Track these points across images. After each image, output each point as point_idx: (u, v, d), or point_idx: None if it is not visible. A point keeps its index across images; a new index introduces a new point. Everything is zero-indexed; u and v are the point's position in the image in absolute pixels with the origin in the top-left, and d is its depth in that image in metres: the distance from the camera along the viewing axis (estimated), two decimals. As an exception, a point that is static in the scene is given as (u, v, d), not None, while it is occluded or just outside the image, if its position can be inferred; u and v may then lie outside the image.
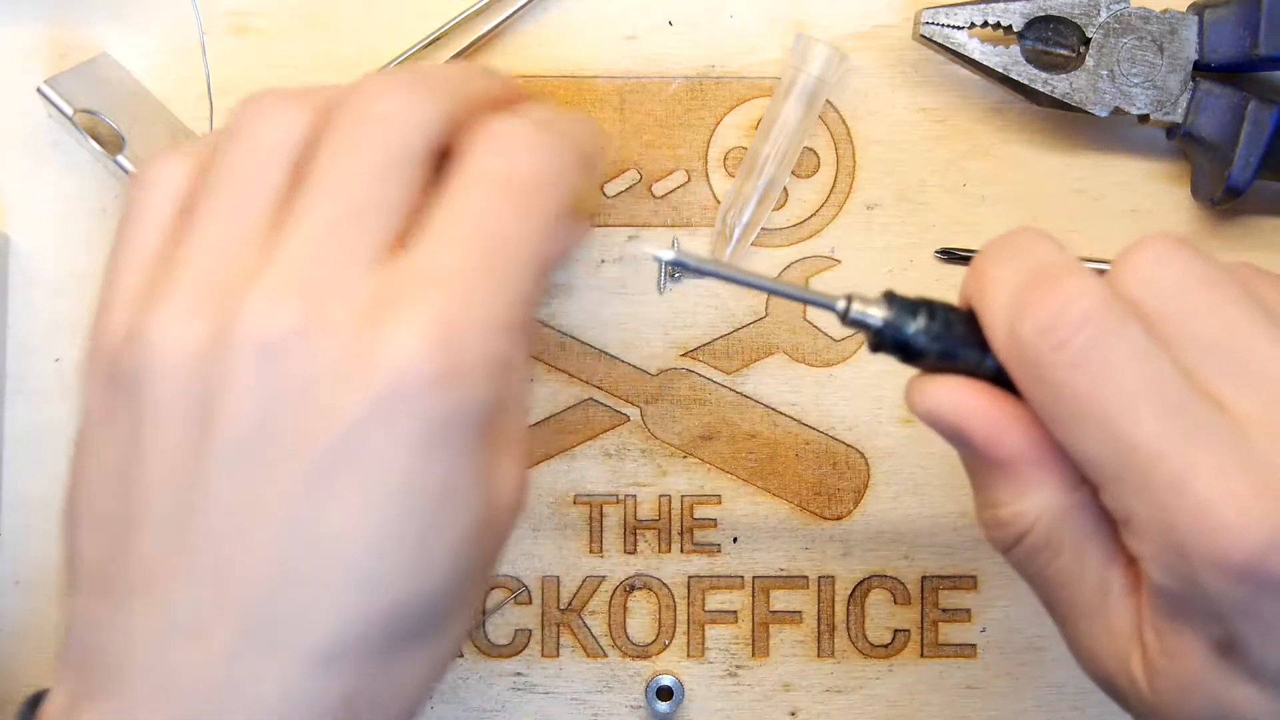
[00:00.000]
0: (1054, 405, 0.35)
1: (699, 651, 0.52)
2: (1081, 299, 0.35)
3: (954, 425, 0.37)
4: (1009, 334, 0.36)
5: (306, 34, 0.52)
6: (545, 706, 0.52)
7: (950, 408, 0.37)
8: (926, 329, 0.37)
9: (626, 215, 0.52)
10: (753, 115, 0.52)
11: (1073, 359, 0.34)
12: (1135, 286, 0.36)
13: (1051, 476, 0.37)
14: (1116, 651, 0.37)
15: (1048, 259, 0.36)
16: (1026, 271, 0.36)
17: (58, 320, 0.52)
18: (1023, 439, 0.36)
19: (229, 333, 0.34)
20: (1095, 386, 0.34)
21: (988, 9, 0.49)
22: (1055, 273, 0.35)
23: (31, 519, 0.51)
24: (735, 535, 0.52)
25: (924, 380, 0.38)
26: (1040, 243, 0.37)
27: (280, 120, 0.37)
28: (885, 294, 0.38)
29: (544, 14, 0.52)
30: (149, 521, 0.35)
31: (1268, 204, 0.52)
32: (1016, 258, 0.37)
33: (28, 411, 0.52)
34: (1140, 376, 0.34)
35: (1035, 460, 0.36)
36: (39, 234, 0.52)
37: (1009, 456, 0.37)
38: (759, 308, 0.52)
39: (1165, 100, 0.50)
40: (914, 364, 0.38)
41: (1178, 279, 0.35)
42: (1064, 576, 0.37)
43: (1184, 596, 0.34)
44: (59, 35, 0.52)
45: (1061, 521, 0.37)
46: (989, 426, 0.37)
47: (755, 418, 0.52)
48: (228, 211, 0.36)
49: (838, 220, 0.52)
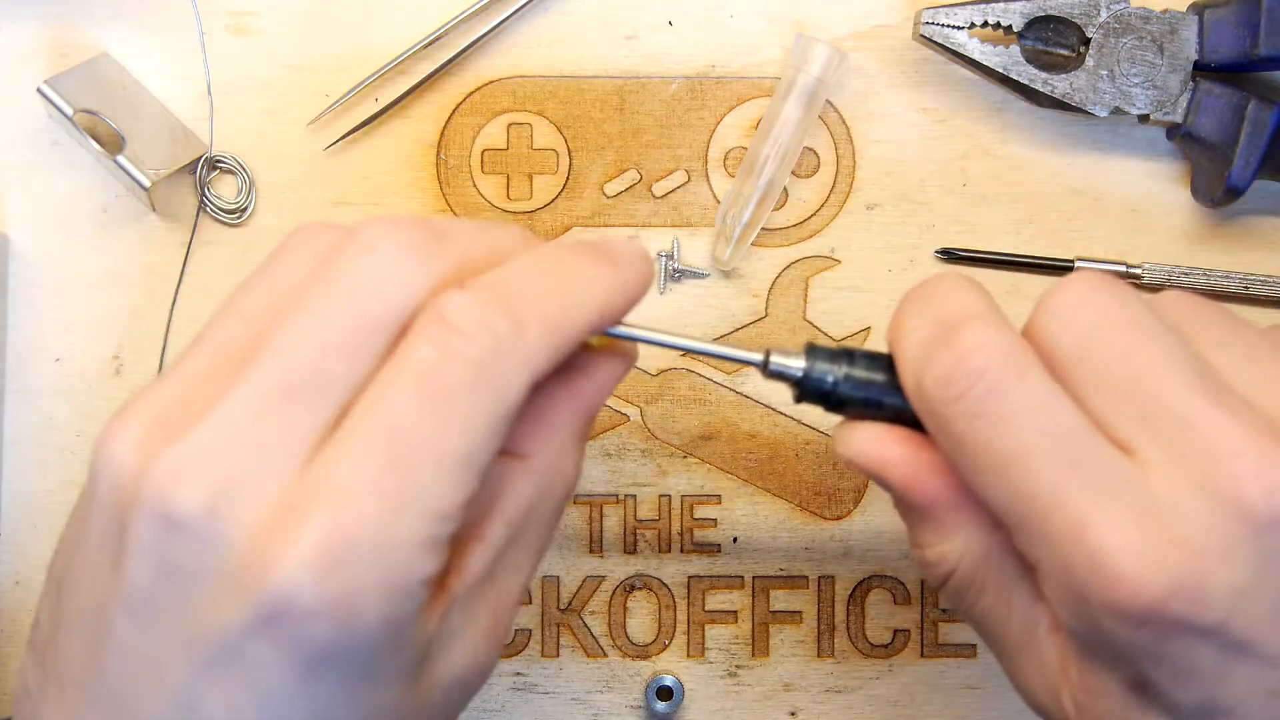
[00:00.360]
0: (958, 454, 0.36)
1: (699, 651, 0.52)
2: (979, 350, 0.35)
3: (875, 473, 0.38)
4: (915, 385, 0.36)
5: (306, 34, 0.52)
6: (545, 706, 0.52)
7: (870, 455, 0.38)
8: (847, 378, 0.38)
9: (626, 215, 0.52)
10: (753, 115, 0.52)
11: (971, 410, 0.35)
12: (1054, 329, 0.36)
13: (971, 520, 0.37)
14: (1048, 685, 0.37)
15: (956, 309, 0.36)
16: (934, 322, 0.36)
17: (58, 320, 0.52)
18: (940, 485, 0.37)
19: (141, 482, 0.33)
20: (993, 437, 0.35)
21: (988, 9, 0.49)
22: (958, 323, 0.36)
23: (31, 519, 0.51)
24: (735, 535, 0.52)
25: (847, 428, 0.38)
26: (954, 292, 0.37)
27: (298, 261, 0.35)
28: (806, 345, 0.39)
29: (544, 14, 0.52)
30: (74, 628, 0.35)
31: (1268, 204, 0.52)
32: (929, 308, 0.37)
33: (28, 411, 0.52)
34: (1038, 427, 0.34)
35: (953, 505, 0.37)
36: (39, 234, 0.52)
37: (928, 502, 0.37)
38: (759, 308, 0.52)
39: (1165, 100, 0.50)
40: (839, 413, 0.39)
41: (1094, 321, 0.35)
42: (992, 614, 0.38)
43: (1092, 640, 0.35)
44: (59, 35, 0.52)
45: (984, 562, 0.37)
46: (907, 474, 0.37)
47: (755, 418, 0.52)
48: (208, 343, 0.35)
49: (838, 220, 0.52)
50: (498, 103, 0.52)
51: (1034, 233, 0.52)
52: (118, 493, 0.33)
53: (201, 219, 0.52)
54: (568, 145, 0.52)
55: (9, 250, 0.52)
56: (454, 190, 0.52)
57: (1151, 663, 0.34)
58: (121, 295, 0.52)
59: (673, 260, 0.52)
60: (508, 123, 0.52)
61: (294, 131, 0.52)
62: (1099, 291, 0.36)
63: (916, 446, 0.37)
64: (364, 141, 0.52)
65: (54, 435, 0.51)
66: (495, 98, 0.52)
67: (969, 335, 0.35)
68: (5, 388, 0.51)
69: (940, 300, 0.37)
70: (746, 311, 0.52)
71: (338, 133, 0.52)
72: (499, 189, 0.52)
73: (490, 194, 0.52)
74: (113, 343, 0.52)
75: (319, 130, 0.52)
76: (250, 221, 0.52)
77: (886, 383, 0.38)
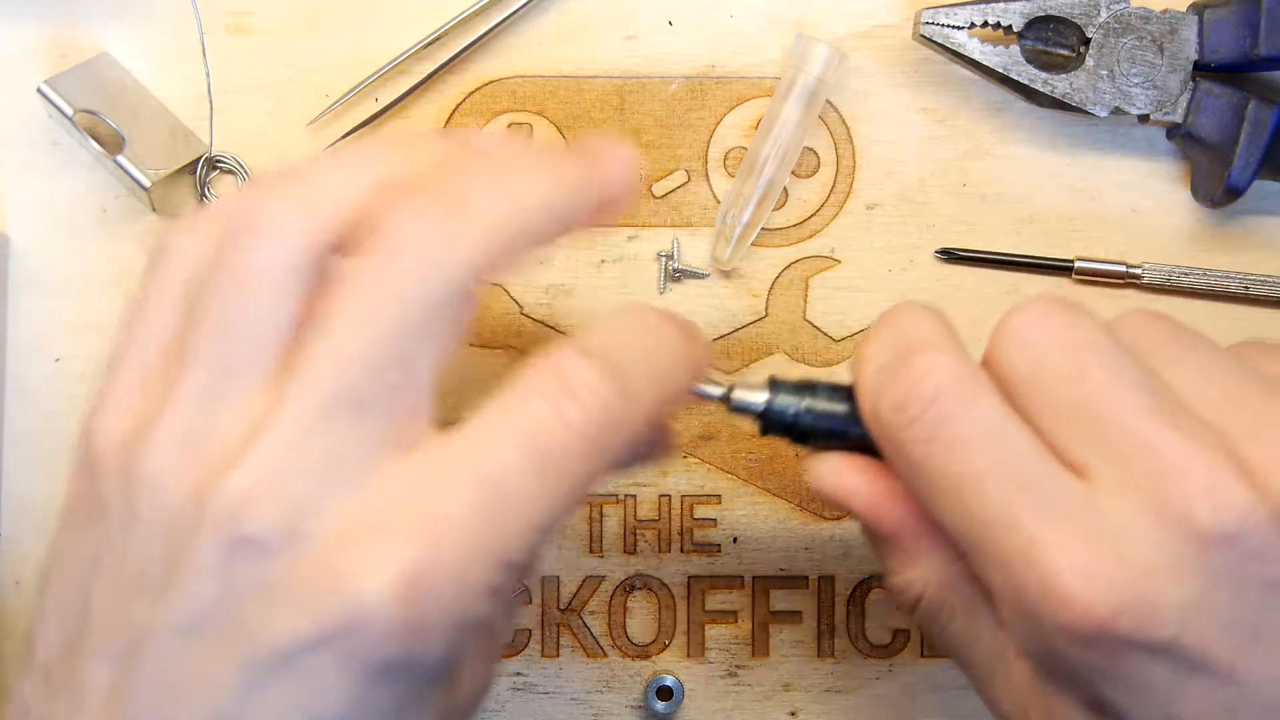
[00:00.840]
0: (914, 480, 0.36)
1: (699, 651, 0.52)
2: (931, 375, 0.35)
3: (839, 502, 0.38)
4: (872, 411, 0.37)
5: (306, 34, 0.52)
6: (545, 706, 0.52)
7: (833, 485, 0.38)
8: (809, 410, 0.39)
9: (626, 215, 0.52)
10: (753, 115, 0.52)
11: (924, 435, 0.35)
12: (1008, 352, 0.36)
13: (935, 547, 0.38)
14: (1017, 707, 0.38)
15: (912, 335, 0.37)
16: (891, 349, 0.37)
17: (58, 320, 0.52)
18: (903, 513, 0.38)
19: (204, 508, 0.32)
20: (946, 462, 0.35)
21: (988, 9, 0.49)
22: (912, 349, 0.36)
23: (31, 519, 0.51)
24: (735, 535, 0.52)
25: (813, 459, 0.39)
26: (912, 320, 0.38)
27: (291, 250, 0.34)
28: (769, 379, 0.39)
29: (544, 14, 0.52)
30: (96, 654, 0.34)
31: (1268, 204, 0.52)
32: (887, 335, 0.38)
33: (28, 411, 0.52)
34: (989, 450, 0.35)
35: (917, 532, 0.38)
36: (39, 234, 0.52)
37: (891, 530, 0.38)
38: (759, 308, 0.52)
39: (1165, 100, 0.50)
40: (804, 444, 0.39)
41: (1046, 344, 0.35)
42: (961, 637, 0.39)
43: (1049, 662, 0.35)
44: (59, 35, 0.52)
45: (950, 588, 0.38)
46: (870, 503, 0.38)
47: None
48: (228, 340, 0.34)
49: (838, 220, 0.52)
50: (498, 103, 0.52)
51: (1034, 233, 0.52)
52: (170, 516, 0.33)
53: (201, 219, 0.52)
54: (568, 145, 0.52)
55: (9, 250, 0.52)
56: (454, 190, 0.52)
57: (1107, 683, 0.34)
58: (121, 295, 0.52)
59: (673, 260, 0.52)
60: (508, 123, 0.52)
61: (294, 131, 0.52)
62: (1051, 315, 0.36)
63: (878, 475, 0.38)
64: (364, 141, 0.52)
65: (54, 435, 0.51)
66: (495, 98, 0.52)
67: (922, 361, 0.36)
68: (5, 388, 0.51)
69: (897, 329, 0.37)
70: (746, 311, 0.52)
71: (338, 133, 0.52)
72: (499, 189, 0.52)
73: (490, 194, 0.52)
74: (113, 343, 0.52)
75: (319, 130, 0.52)
76: (250, 221, 0.52)
77: (848, 413, 0.38)
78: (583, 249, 0.52)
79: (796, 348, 0.52)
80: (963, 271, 0.52)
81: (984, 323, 0.52)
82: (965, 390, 0.35)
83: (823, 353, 0.52)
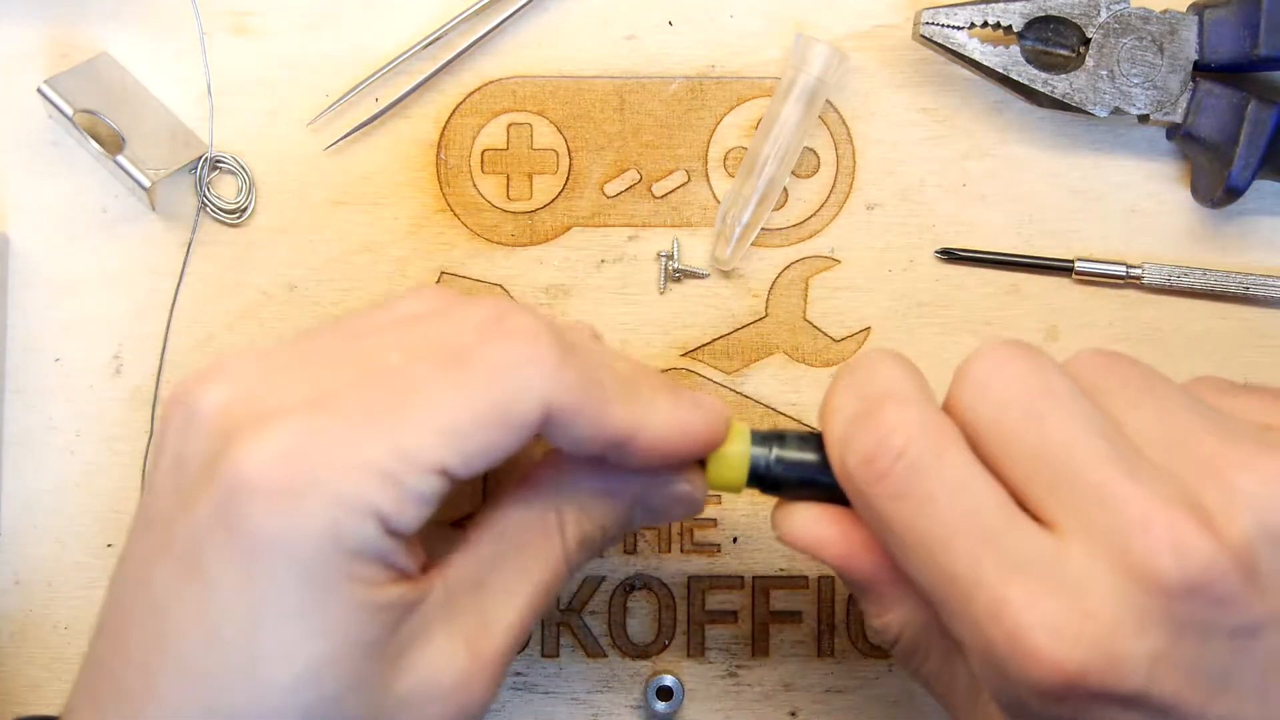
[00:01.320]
0: (883, 533, 0.37)
1: (699, 651, 0.52)
2: (898, 430, 0.36)
3: (813, 552, 0.39)
4: (840, 464, 0.37)
5: (306, 34, 0.52)
6: (545, 706, 0.52)
7: (806, 537, 0.39)
8: (779, 460, 0.39)
9: (626, 215, 0.52)
10: (753, 115, 0.52)
11: (892, 490, 0.36)
12: (969, 399, 0.36)
13: (909, 594, 0.38)
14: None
15: (880, 386, 0.37)
16: (858, 399, 0.37)
17: (58, 320, 0.52)
18: (875, 562, 0.38)
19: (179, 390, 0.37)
20: (914, 517, 0.35)
21: (988, 9, 0.49)
22: (880, 402, 0.36)
23: (31, 519, 0.51)
24: (735, 535, 0.52)
25: (783, 509, 0.40)
26: (879, 369, 0.38)
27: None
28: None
29: (544, 14, 0.52)
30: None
31: (1268, 204, 0.52)
32: (855, 385, 0.38)
33: (28, 411, 0.52)
34: (957, 506, 0.35)
35: (891, 580, 0.38)
36: (39, 234, 0.52)
37: (866, 580, 0.39)
38: (759, 308, 0.52)
39: (1165, 100, 0.50)
40: (776, 494, 0.40)
41: (1005, 392, 0.36)
42: (937, 679, 0.39)
43: (1019, 712, 0.35)
44: (59, 35, 0.52)
45: (925, 632, 0.39)
46: (843, 554, 0.38)
47: (755, 418, 0.52)
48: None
49: (838, 220, 0.52)
50: (498, 103, 0.52)
51: (1034, 233, 0.52)
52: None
53: (201, 219, 0.52)
54: (568, 145, 0.52)
55: (9, 250, 0.52)
56: (454, 190, 0.52)
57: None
58: (121, 295, 0.52)
59: (673, 260, 0.52)
60: (508, 123, 0.52)
61: (294, 131, 0.52)
62: (1009, 361, 0.36)
63: (850, 525, 0.38)
64: (364, 141, 0.52)
65: (54, 435, 0.51)
66: (495, 98, 0.52)
67: (889, 414, 0.36)
68: (5, 388, 0.51)
69: (865, 378, 0.38)
70: (746, 311, 0.52)
71: (338, 133, 0.52)
72: (499, 189, 0.52)
73: (490, 194, 0.52)
74: (113, 343, 0.52)
75: (319, 130, 0.52)
76: (250, 221, 0.52)
77: (818, 462, 0.39)
78: (583, 249, 0.52)
79: (796, 348, 0.52)
80: (963, 271, 0.52)
81: (984, 323, 0.52)
82: (932, 445, 0.35)
83: (823, 353, 0.52)
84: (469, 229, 0.52)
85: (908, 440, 0.35)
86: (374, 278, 0.52)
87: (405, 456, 0.35)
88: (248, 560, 0.34)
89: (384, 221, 0.52)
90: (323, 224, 0.52)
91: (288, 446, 0.34)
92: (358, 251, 0.52)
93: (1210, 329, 0.52)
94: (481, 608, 0.38)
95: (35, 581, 0.51)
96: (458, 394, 0.35)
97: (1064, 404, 0.35)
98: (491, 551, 0.39)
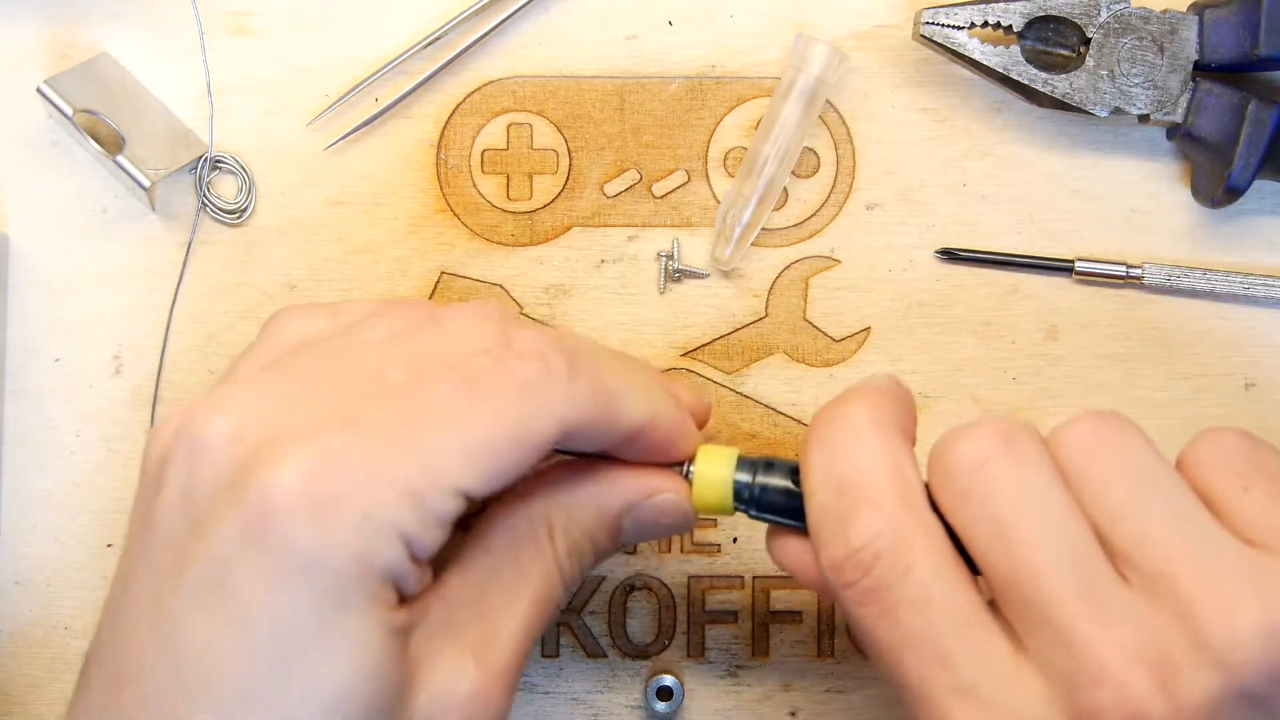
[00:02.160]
0: (852, 626, 0.37)
1: (699, 651, 0.52)
2: (867, 546, 0.36)
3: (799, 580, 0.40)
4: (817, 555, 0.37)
5: (306, 34, 0.52)
6: (545, 706, 0.52)
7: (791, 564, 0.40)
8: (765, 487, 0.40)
9: (626, 215, 0.52)
10: (753, 115, 0.52)
11: (858, 598, 0.36)
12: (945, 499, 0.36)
13: None
14: None
15: (854, 474, 0.37)
16: (834, 488, 0.37)
17: (58, 320, 0.52)
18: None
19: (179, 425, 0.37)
20: (873, 625, 0.36)
21: (988, 9, 0.49)
22: (851, 505, 0.36)
23: (31, 519, 0.51)
24: (735, 535, 0.52)
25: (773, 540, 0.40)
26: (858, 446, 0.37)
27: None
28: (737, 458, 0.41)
29: (544, 14, 0.52)
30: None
31: (1268, 204, 0.52)
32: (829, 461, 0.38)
33: (28, 411, 0.52)
34: (915, 621, 0.35)
35: None
36: (39, 234, 0.52)
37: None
38: (759, 308, 0.52)
39: (1165, 100, 0.50)
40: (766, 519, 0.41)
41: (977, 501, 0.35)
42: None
43: None
44: (59, 35, 0.52)
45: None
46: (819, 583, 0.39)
47: (755, 418, 0.52)
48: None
49: (838, 220, 0.52)
50: (498, 103, 0.52)
51: (1034, 233, 0.52)
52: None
53: (201, 219, 0.52)
54: (568, 145, 0.52)
55: (9, 250, 0.52)
56: (454, 190, 0.52)
57: None
58: (121, 295, 0.52)
59: (673, 260, 0.52)
60: (508, 123, 0.52)
61: (294, 131, 0.52)
62: (986, 463, 0.36)
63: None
64: (364, 141, 0.52)
65: (54, 435, 0.51)
66: (495, 98, 0.52)
67: (859, 524, 0.36)
68: (5, 388, 0.51)
69: (842, 455, 0.37)
70: (746, 311, 0.52)
71: (338, 133, 0.52)
72: (499, 189, 0.52)
73: (490, 194, 0.52)
74: (113, 343, 0.52)
75: (319, 130, 0.52)
76: (250, 221, 0.52)
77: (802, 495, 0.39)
78: (583, 249, 0.52)
79: (796, 348, 0.52)
80: (963, 271, 0.52)
81: (984, 323, 0.52)
82: (900, 560, 0.35)
83: (823, 353, 0.52)
84: (469, 229, 0.52)
85: (876, 555, 0.35)
86: (374, 278, 0.52)
87: (431, 476, 0.34)
88: (281, 579, 0.33)
89: (384, 221, 0.52)
90: (322, 224, 0.52)
91: (315, 465, 0.34)
92: (357, 251, 0.52)
93: (1210, 329, 0.52)
94: (484, 620, 0.38)
95: (35, 581, 0.51)
96: (479, 416, 0.35)
97: (1036, 521, 0.35)
98: (485, 565, 0.39)
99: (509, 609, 0.39)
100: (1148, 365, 0.52)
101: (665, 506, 0.41)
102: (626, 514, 0.41)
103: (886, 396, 0.39)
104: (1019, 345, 0.52)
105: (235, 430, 0.35)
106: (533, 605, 0.39)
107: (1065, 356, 0.52)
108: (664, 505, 0.41)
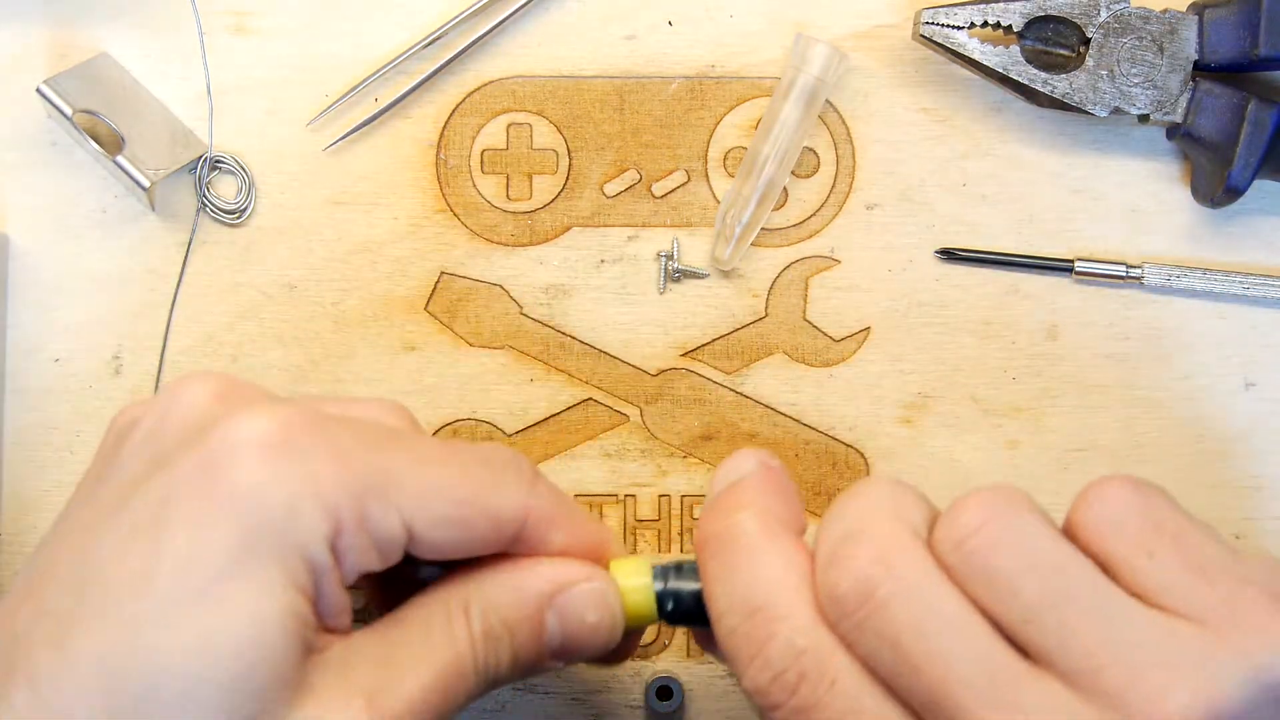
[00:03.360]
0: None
1: (699, 651, 0.52)
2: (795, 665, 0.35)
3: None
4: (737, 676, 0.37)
5: (306, 34, 0.52)
6: (545, 706, 0.52)
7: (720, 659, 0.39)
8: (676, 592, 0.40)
9: (626, 215, 0.52)
10: (753, 115, 0.52)
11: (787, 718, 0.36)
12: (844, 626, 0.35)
13: None
14: None
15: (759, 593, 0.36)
16: (739, 604, 0.36)
17: (58, 320, 0.52)
18: None
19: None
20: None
21: (988, 9, 0.49)
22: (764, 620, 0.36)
23: (31, 519, 0.51)
24: (735, 535, 0.52)
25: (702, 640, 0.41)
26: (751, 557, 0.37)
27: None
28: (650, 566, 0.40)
29: (544, 14, 0.52)
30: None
31: (1268, 204, 0.52)
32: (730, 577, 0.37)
33: (28, 411, 0.52)
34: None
35: None
36: (39, 234, 0.52)
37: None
38: (759, 308, 0.52)
39: (1165, 100, 0.50)
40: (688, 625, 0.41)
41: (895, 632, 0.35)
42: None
43: None
44: (59, 35, 0.52)
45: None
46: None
47: (755, 418, 0.52)
48: None
49: (838, 220, 0.52)
50: (498, 103, 0.52)
51: (1034, 233, 0.52)
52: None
53: (201, 219, 0.52)
54: (567, 145, 0.52)
55: (9, 250, 0.52)
56: (454, 190, 0.52)
57: None
58: (121, 295, 0.52)
59: (673, 260, 0.52)
60: (508, 123, 0.52)
61: (294, 131, 0.52)
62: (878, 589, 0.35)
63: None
64: (364, 141, 0.52)
65: (54, 435, 0.51)
66: (495, 98, 0.52)
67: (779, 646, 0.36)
68: (5, 388, 0.51)
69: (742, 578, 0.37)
70: (746, 311, 0.52)
71: (338, 133, 0.52)
72: (499, 189, 0.52)
73: (490, 194, 0.52)
74: (113, 343, 0.52)
75: (319, 130, 0.52)
76: (250, 221, 0.52)
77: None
78: (582, 249, 0.52)
79: (796, 348, 0.52)
80: (963, 271, 0.52)
81: (984, 323, 0.52)
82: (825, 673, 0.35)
83: (823, 353, 0.52)
84: (469, 229, 0.52)
85: (800, 677, 0.35)
86: (374, 278, 0.52)
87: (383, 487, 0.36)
88: (213, 512, 0.34)
89: (383, 221, 0.52)
90: (322, 224, 0.52)
91: (288, 423, 0.35)
92: (357, 251, 0.52)
93: (1210, 329, 0.52)
94: (383, 672, 0.37)
95: (35, 581, 0.51)
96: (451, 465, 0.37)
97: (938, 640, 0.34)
98: (394, 632, 0.38)
99: (412, 670, 0.37)
100: (1148, 365, 0.52)
101: (591, 599, 0.39)
102: (548, 608, 0.39)
103: (766, 492, 0.38)
104: (1019, 345, 0.52)
105: (220, 389, 0.37)
106: (437, 676, 0.37)
107: (1065, 356, 0.52)
108: (589, 597, 0.39)
